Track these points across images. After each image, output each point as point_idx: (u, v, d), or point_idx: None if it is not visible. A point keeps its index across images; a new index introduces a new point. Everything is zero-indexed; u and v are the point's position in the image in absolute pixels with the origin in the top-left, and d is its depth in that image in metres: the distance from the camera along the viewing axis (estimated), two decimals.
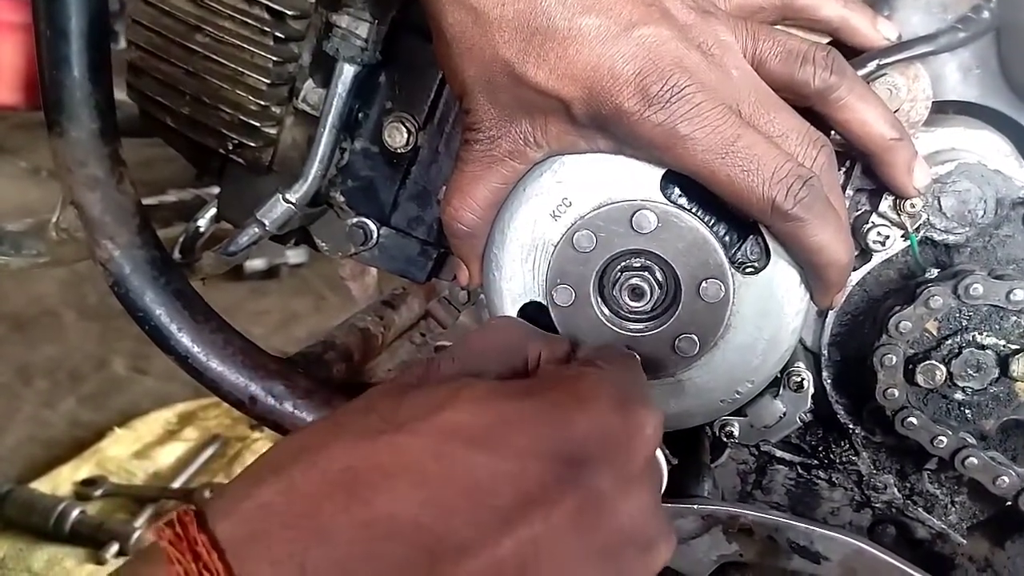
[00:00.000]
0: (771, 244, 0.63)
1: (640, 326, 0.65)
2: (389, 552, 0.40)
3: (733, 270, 0.63)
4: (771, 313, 0.64)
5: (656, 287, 0.64)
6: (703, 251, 0.62)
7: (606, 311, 0.65)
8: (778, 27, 0.67)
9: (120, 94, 0.80)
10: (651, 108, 0.56)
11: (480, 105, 0.61)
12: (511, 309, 0.66)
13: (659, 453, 0.52)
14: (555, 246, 0.64)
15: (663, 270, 0.64)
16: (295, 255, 3.43)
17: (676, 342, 0.64)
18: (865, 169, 0.68)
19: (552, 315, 0.66)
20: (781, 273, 0.63)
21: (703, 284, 0.63)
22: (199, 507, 0.42)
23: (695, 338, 0.64)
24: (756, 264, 0.64)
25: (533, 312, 0.67)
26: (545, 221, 0.64)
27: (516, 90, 0.59)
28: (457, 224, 0.65)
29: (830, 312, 0.76)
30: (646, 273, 0.64)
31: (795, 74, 0.60)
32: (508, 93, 0.60)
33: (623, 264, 0.64)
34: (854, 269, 0.74)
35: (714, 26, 0.59)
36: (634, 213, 0.61)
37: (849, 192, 0.73)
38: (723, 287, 0.62)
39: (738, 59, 0.59)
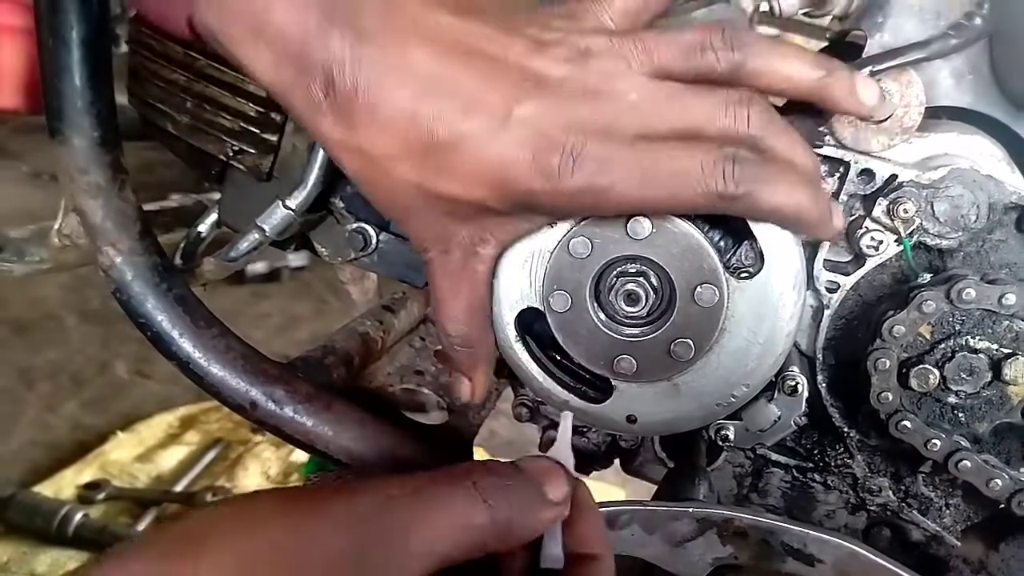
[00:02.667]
0: (765, 249, 0.63)
1: (636, 331, 0.66)
2: None
3: (727, 275, 0.64)
4: (765, 317, 0.65)
5: (651, 292, 0.65)
6: (697, 256, 0.63)
7: (602, 316, 0.66)
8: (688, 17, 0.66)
9: (121, 98, 0.81)
10: (561, 180, 0.56)
11: (414, 228, 0.63)
12: (508, 315, 0.67)
13: None
14: (551, 252, 0.65)
15: (658, 275, 0.65)
16: (296, 258, 3.43)
17: (672, 346, 0.65)
18: (809, 110, 0.67)
19: (549, 321, 0.66)
20: (775, 277, 0.64)
21: (698, 289, 0.63)
22: None
23: (690, 342, 0.65)
24: (750, 269, 0.64)
25: (530, 318, 0.68)
26: (541, 228, 0.65)
27: (437, 205, 0.60)
28: (451, 339, 0.67)
29: (825, 316, 0.77)
30: (641, 279, 0.65)
31: (699, 66, 0.59)
32: (431, 210, 0.60)
33: (619, 270, 0.65)
34: (848, 274, 0.75)
35: (594, 65, 0.58)
36: (629, 219, 0.62)
37: (844, 197, 0.74)
38: (717, 292, 0.63)
39: (632, 82, 0.58)
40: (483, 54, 0.57)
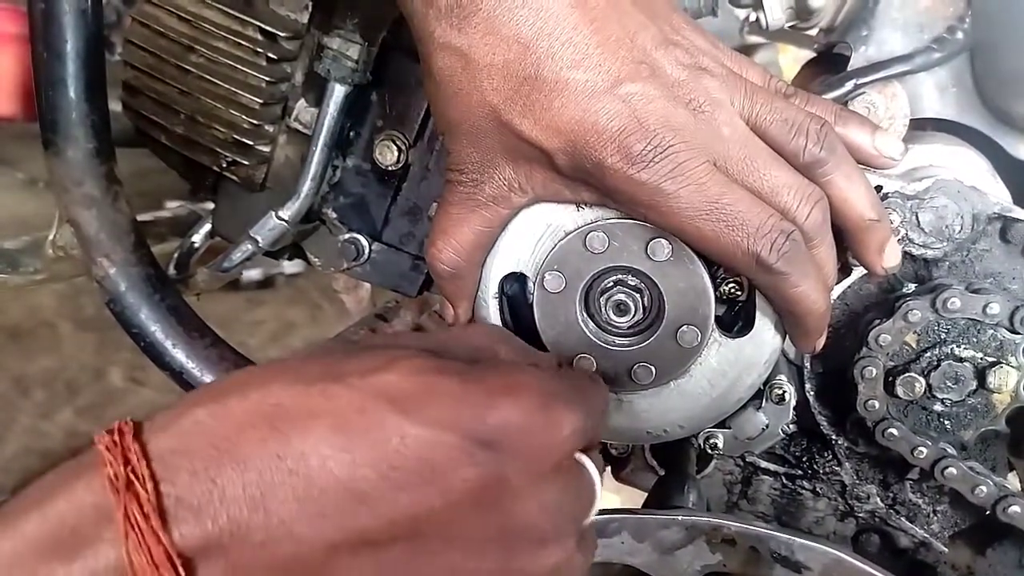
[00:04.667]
0: (758, 318, 0.65)
1: (609, 338, 0.66)
2: (292, 486, 0.43)
3: (715, 326, 0.65)
4: (728, 377, 0.66)
5: (640, 310, 0.65)
6: (698, 299, 0.64)
7: (585, 313, 0.67)
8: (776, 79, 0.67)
9: (115, 105, 0.82)
10: (634, 166, 0.56)
11: (463, 147, 0.62)
12: (498, 271, 0.67)
13: (588, 463, 0.52)
14: (567, 234, 0.64)
15: (653, 299, 0.65)
16: (291, 265, 3.43)
17: (635, 367, 0.66)
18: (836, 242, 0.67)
19: (534, 294, 0.66)
20: (754, 347, 0.66)
21: (683, 328, 0.64)
22: (136, 422, 0.46)
23: (653, 370, 0.65)
24: (736, 329, 0.66)
25: (514, 281, 0.68)
26: (568, 207, 0.64)
27: (501, 136, 0.60)
28: (440, 265, 0.66)
29: None
30: (637, 295, 0.65)
31: (788, 143, 0.60)
32: (493, 138, 0.60)
33: (619, 277, 0.65)
34: (836, 282, 0.76)
35: (707, 83, 0.59)
36: (653, 238, 0.62)
37: None
38: (699, 338, 0.64)
39: (730, 117, 0.59)
40: (617, 23, 0.58)
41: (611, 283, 0.65)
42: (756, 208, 0.57)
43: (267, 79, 0.80)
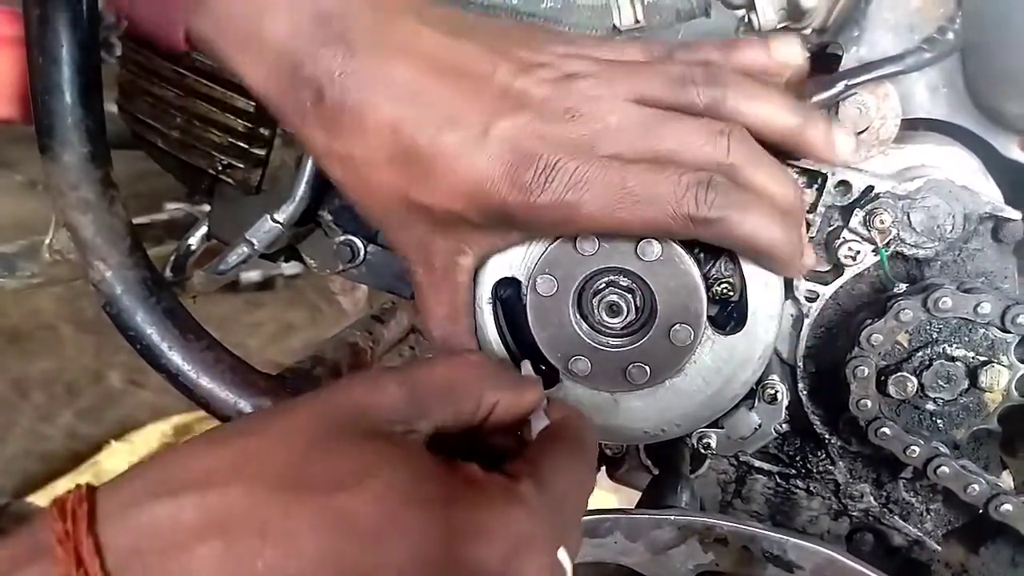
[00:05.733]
0: (750, 313, 0.65)
1: (603, 339, 0.67)
2: None
3: (708, 324, 0.65)
4: (723, 374, 0.67)
5: (633, 311, 0.66)
6: (689, 297, 0.64)
7: (578, 315, 0.67)
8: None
9: (111, 107, 0.82)
10: (532, 194, 0.57)
11: (397, 237, 0.65)
12: (491, 276, 0.67)
13: (565, 562, 0.49)
14: (556, 238, 0.65)
15: (645, 299, 0.65)
16: (290, 267, 3.43)
17: (629, 367, 0.66)
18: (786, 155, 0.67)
19: (527, 299, 0.67)
20: (748, 342, 0.66)
21: (676, 326, 0.64)
22: (92, 497, 0.44)
23: (648, 370, 0.66)
24: (729, 326, 0.67)
25: (507, 287, 0.68)
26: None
27: (418, 215, 0.61)
28: (435, 342, 0.68)
29: (804, 325, 0.78)
30: (629, 295, 0.66)
31: (680, 98, 0.60)
32: (413, 221, 0.62)
33: (611, 279, 0.66)
34: (827, 284, 0.76)
35: (578, 86, 0.59)
36: (642, 239, 0.63)
37: (821, 209, 0.75)
38: (692, 336, 0.65)
39: (613, 105, 0.59)
40: (469, 73, 0.59)
41: (603, 284, 0.66)
42: (664, 174, 0.57)
43: None
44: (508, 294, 0.69)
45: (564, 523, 0.50)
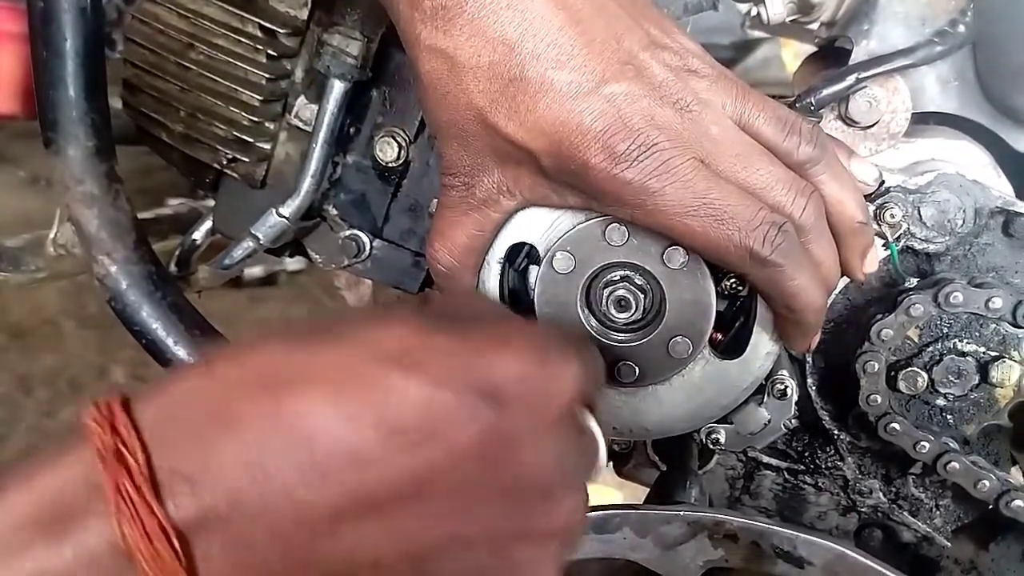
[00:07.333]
0: (751, 344, 0.65)
1: (602, 330, 0.66)
2: (292, 450, 0.42)
3: (708, 344, 0.65)
4: (706, 394, 0.67)
5: (640, 311, 0.65)
6: (699, 314, 0.64)
7: (583, 299, 0.66)
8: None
9: (116, 102, 0.82)
10: (619, 165, 0.56)
11: (454, 151, 0.62)
12: (509, 236, 0.66)
13: (590, 420, 0.52)
14: (587, 220, 0.64)
15: (655, 303, 0.65)
16: (294, 262, 3.42)
17: (620, 364, 0.65)
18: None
19: (540, 270, 0.66)
20: (741, 372, 0.66)
21: (677, 338, 0.64)
22: (127, 394, 0.44)
23: (636, 371, 0.65)
24: (726, 350, 0.66)
25: (519, 251, 0.67)
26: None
27: (488, 139, 0.60)
28: (437, 266, 0.66)
29: None
30: (641, 295, 0.65)
31: (781, 142, 0.60)
32: (480, 141, 0.60)
33: (628, 274, 0.65)
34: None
35: (695, 84, 0.59)
36: (672, 245, 0.62)
37: None
38: (691, 351, 0.64)
39: (718, 117, 0.59)
40: (603, 25, 0.58)
41: (618, 277, 0.65)
42: (746, 202, 0.57)
43: (267, 76, 0.80)
44: (520, 267, 0.68)
45: (582, 359, 0.50)
